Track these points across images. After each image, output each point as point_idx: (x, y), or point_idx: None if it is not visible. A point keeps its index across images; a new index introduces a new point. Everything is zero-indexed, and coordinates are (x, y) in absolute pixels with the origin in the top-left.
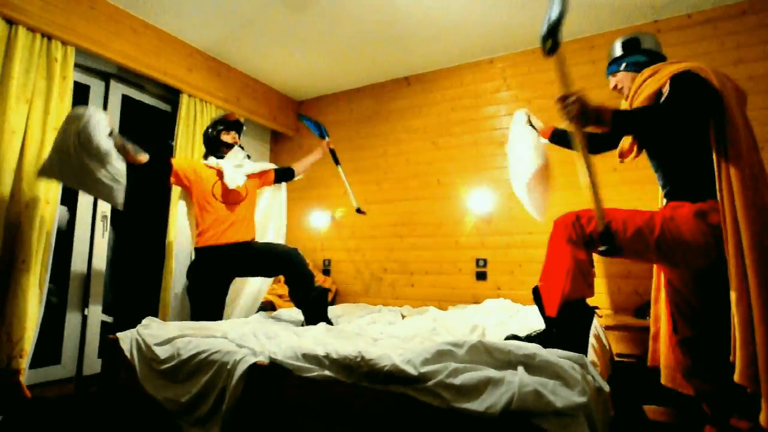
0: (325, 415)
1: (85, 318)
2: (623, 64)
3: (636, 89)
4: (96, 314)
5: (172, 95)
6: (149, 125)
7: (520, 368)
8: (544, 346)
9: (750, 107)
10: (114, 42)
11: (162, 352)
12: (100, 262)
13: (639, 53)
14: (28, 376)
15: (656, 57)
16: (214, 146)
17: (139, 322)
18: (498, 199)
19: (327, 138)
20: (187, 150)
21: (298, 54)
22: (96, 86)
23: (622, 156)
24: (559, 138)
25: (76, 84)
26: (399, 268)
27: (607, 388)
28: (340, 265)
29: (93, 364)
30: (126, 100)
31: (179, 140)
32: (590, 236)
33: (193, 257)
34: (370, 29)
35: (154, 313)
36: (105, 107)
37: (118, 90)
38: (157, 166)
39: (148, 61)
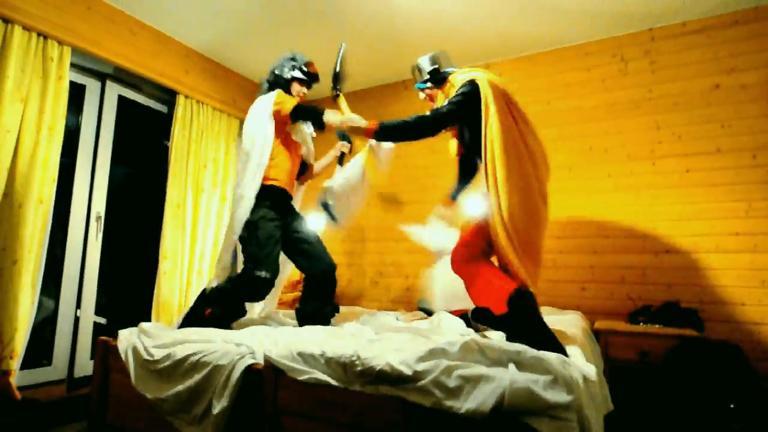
0: (320, 418)
1: (77, 319)
2: (428, 84)
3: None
4: (88, 315)
5: (168, 96)
6: (145, 126)
7: (511, 365)
8: (508, 332)
9: (746, 115)
10: (110, 42)
11: (158, 351)
12: (94, 262)
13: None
14: (19, 378)
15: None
16: (285, 88)
17: (132, 324)
18: None
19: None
20: (183, 151)
21: None
22: (92, 86)
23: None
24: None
25: (72, 84)
26: (395, 271)
27: (593, 376)
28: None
29: (85, 366)
30: (122, 100)
31: (175, 141)
32: (486, 246)
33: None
34: (368, 33)
35: (147, 315)
36: (100, 107)
37: (114, 90)
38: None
39: (144, 62)
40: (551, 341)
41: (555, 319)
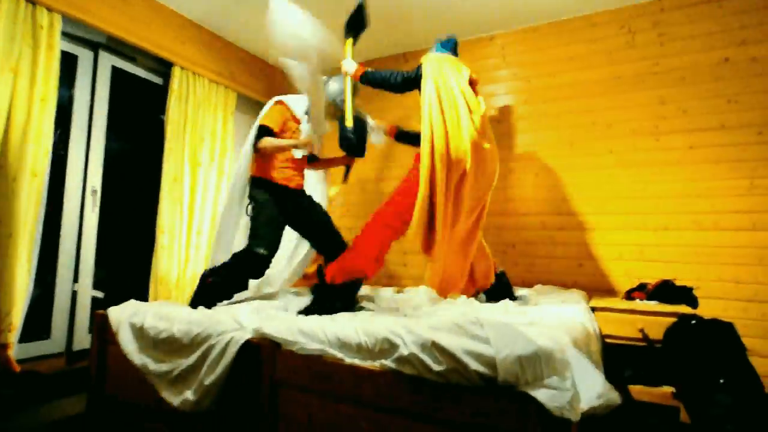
0: (317, 390)
1: (74, 293)
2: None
3: None
4: (86, 289)
5: (163, 68)
6: (140, 98)
7: (494, 340)
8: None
9: (754, 90)
10: (103, 10)
11: (160, 324)
12: (90, 236)
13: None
14: (17, 351)
15: None
16: None
17: (130, 298)
18: None
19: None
20: (179, 125)
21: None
22: (84, 56)
23: None
24: (403, 137)
25: (64, 53)
26: (392, 247)
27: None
28: None
29: (83, 339)
30: (116, 71)
31: (171, 114)
32: None
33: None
34: (369, 4)
35: (145, 289)
36: (94, 78)
37: (107, 61)
38: None
39: (139, 32)
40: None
41: (556, 301)
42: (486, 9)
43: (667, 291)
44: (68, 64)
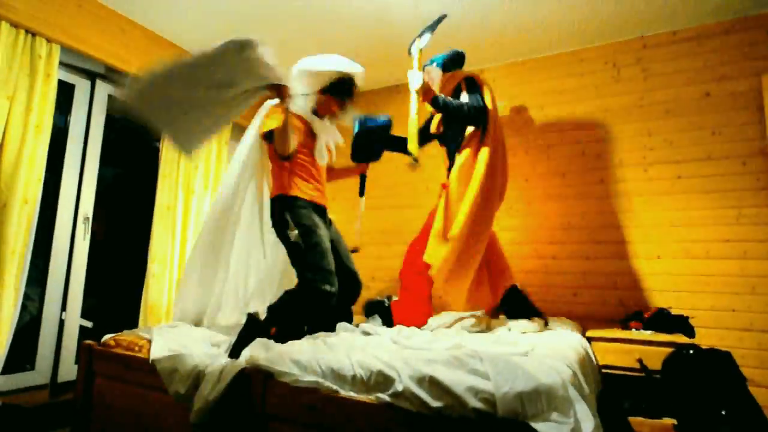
0: (309, 423)
1: (62, 322)
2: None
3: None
4: (74, 318)
5: None
6: (135, 126)
7: (494, 374)
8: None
9: (732, 123)
10: (101, 41)
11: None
12: (80, 264)
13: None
14: (0, 382)
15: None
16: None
17: (120, 327)
18: None
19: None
20: (174, 153)
21: (290, 59)
22: (81, 85)
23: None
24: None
25: (61, 82)
26: (387, 275)
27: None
28: None
29: (69, 371)
30: (112, 100)
31: (165, 142)
32: None
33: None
34: (363, 37)
35: (135, 318)
36: (90, 107)
37: (103, 90)
38: None
39: (135, 62)
40: None
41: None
42: (475, 43)
43: (662, 320)
44: (65, 92)
